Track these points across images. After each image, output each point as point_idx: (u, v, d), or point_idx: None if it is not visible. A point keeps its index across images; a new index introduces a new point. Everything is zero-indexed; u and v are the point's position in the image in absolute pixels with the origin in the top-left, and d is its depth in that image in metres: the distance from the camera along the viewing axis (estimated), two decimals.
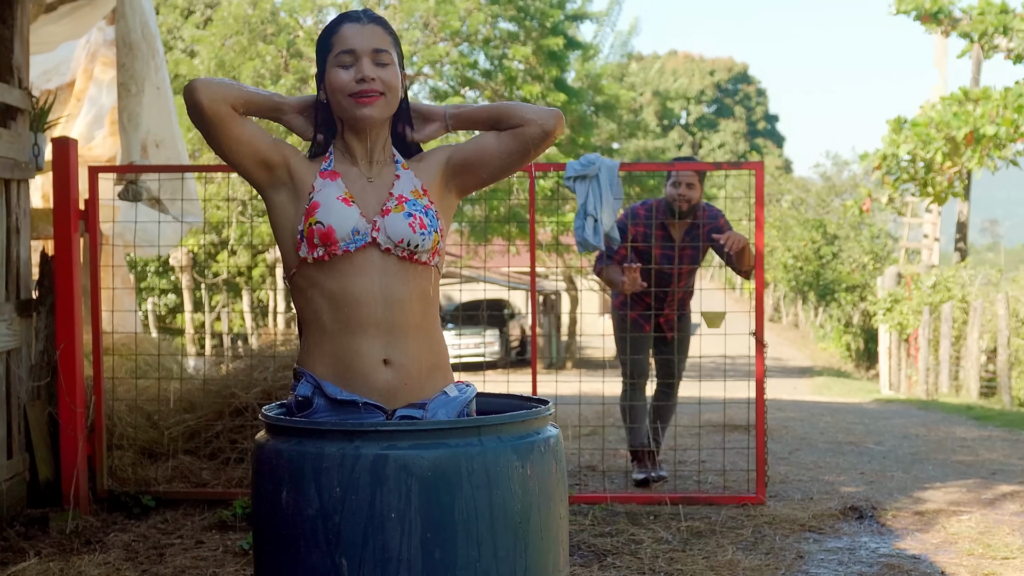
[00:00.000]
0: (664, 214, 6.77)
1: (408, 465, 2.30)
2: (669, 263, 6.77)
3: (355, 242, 2.64)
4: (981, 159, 16.02)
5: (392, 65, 2.72)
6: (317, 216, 2.63)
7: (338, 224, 2.62)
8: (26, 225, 6.07)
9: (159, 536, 5.57)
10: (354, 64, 2.68)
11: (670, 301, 6.84)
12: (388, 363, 2.65)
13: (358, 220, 2.65)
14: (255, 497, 2.52)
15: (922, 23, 17.56)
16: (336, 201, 2.65)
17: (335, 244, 2.62)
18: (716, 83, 69.29)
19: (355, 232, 2.63)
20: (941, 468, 7.88)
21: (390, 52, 2.72)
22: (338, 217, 2.63)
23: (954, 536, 5.64)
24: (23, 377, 5.94)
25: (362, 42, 2.69)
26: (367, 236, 2.65)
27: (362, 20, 2.72)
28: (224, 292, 24.83)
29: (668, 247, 6.81)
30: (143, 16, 6.83)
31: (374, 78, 2.67)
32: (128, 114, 6.67)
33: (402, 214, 2.66)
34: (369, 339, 2.64)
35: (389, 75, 2.70)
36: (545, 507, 2.47)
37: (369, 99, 2.67)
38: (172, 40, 25.40)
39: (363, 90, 2.67)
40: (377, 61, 2.69)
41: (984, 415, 12.40)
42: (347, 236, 2.63)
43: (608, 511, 6.10)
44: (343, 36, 2.71)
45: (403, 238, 2.65)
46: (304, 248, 2.65)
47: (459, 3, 19.99)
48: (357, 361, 2.64)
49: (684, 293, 6.93)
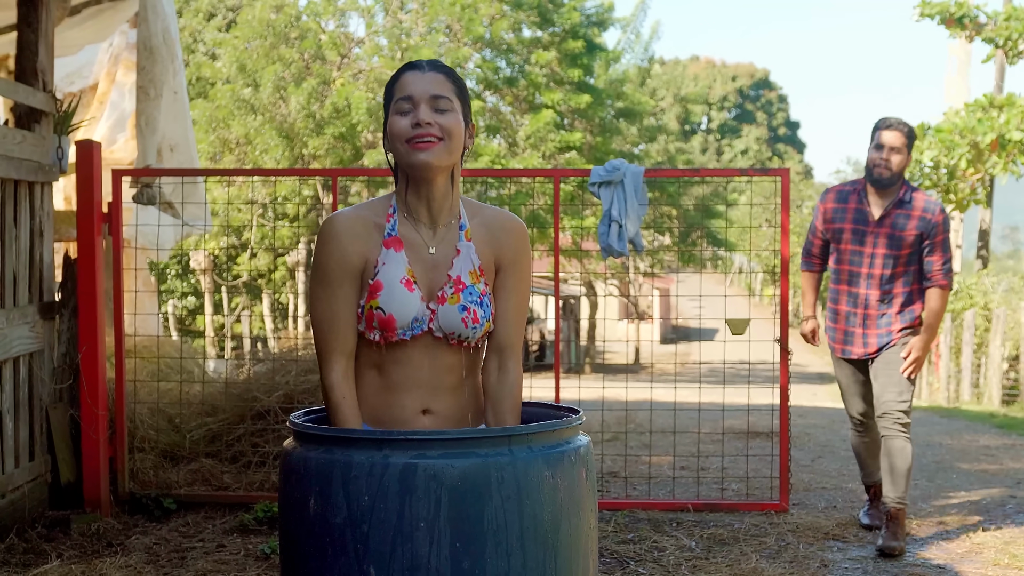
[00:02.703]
0: (860, 195, 5.75)
1: (438, 474, 2.28)
2: (860, 253, 5.71)
3: (413, 330, 2.64)
4: (1006, 165, 15.93)
5: (453, 112, 2.64)
6: (380, 301, 2.61)
7: (400, 313, 2.61)
8: (49, 228, 6.07)
9: (180, 539, 5.56)
10: (412, 111, 2.63)
11: (864, 306, 5.71)
12: (427, 412, 2.69)
13: (419, 308, 2.63)
14: (282, 504, 2.51)
15: (946, 27, 17.47)
16: (399, 285, 2.63)
17: (393, 332, 2.62)
18: (738, 89, 69.18)
19: (415, 321, 2.63)
20: (965, 477, 7.82)
21: (451, 99, 2.65)
22: (400, 305, 2.61)
23: (979, 546, 5.60)
24: (45, 380, 5.94)
25: (421, 88, 2.63)
26: (424, 324, 2.64)
27: (424, 68, 2.67)
28: (244, 295, 24.87)
29: (859, 231, 5.74)
30: (165, 21, 6.84)
31: (430, 122, 2.60)
32: (146, 118, 6.68)
33: (456, 307, 2.64)
34: (411, 395, 2.68)
35: (449, 121, 2.63)
36: (575, 517, 2.44)
37: (426, 144, 2.60)
38: (194, 44, 25.49)
39: (419, 134, 2.60)
40: (436, 107, 2.62)
41: (1008, 423, 12.31)
42: (406, 325, 2.63)
43: (631, 517, 6.07)
44: (403, 83, 2.66)
45: (455, 331, 2.65)
46: (362, 324, 2.65)
47: (483, 10, 19.99)
48: (397, 411, 2.68)
49: (883, 294, 5.68)
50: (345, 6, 21.04)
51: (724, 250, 24.21)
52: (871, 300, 5.66)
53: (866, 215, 5.67)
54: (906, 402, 5.57)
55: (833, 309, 5.86)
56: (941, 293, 5.61)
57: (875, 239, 5.63)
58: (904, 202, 5.63)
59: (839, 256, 5.77)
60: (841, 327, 5.80)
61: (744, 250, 30.40)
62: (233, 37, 21.10)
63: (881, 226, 5.63)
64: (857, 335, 5.72)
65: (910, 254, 5.62)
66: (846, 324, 5.76)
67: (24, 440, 5.73)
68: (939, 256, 5.61)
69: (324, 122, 19.44)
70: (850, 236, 5.70)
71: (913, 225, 5.59)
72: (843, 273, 5.75)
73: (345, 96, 19.17)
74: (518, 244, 2.77)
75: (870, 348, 5.69)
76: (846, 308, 5.76)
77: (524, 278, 2.79)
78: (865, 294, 5.66)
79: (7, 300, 5.56)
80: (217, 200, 18.51)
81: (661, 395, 9.70)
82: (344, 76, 20.27)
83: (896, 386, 5.57)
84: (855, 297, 5.70)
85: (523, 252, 2.78)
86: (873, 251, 5.64)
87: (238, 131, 20.01)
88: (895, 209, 5.62)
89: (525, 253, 2.79)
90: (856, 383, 5.88)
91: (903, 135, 5.64)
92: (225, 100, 20.15)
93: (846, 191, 5.82)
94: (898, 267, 5.63)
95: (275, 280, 23.84)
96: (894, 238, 5.59)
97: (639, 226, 6.26)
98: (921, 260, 5.65)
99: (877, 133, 5.71)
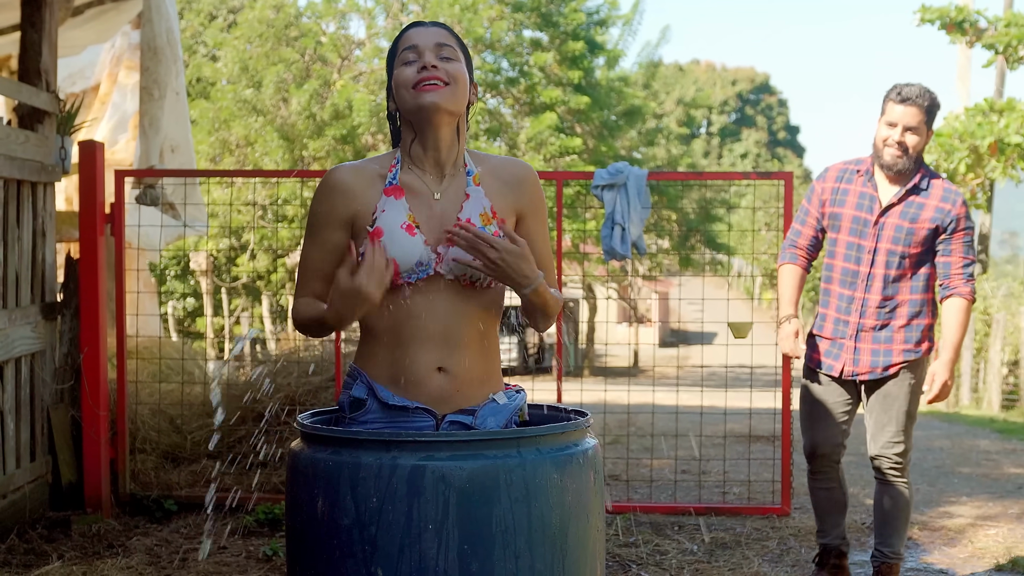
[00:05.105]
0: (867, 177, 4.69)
1: (446, 476, 2.27)
2: (860, 248, 4.66)
3: (418, 274, 2.61)
4: (1005, 169, 15.93)
5: (457, 61, 2.67)
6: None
7: (401, 257, 2.58)
8: (51, 228, 6.07)
9: (181, 541, 5.55)
10: (417, 59, 2.65)
11: (860, 313, 4.66)
12: (442, 370, 2.63)
13: (422, 252, 2.60)
14: (289, 506, 2.50)
15: (947, 33, 17.45)
16: (399, 230, 2.60)
17: (397, 275, 2.58)
18: (738, 93, 69.21)
19: (418, 265, 2.60)
20: (967, 481, 7.82)
21: (455, 49, 2.68)
22: (401, 249, 2.58)
23: (981, 550, 5.59)
24: (47, 380, 5.94)
25: (425, 38, 2.66)
26: (430, 268, 2.61)
27: (427, 24, 2.71)
28: (243, 296, 24.86)
29: (861, 220, 4.67)
30: (168, 22, 6.83)
31: (436, 66, 2.63)
32: (150, 118, 6.68)
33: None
34: (425, 349, 2.62)
35: (454, 67, 2.65)
36: (583, 520, 2.44)
37: (432, 86, 2.61)
38: (195, 44, 25.49)
39: (424, 77, 2.62)
40: (441, 55, 2.65)
41: (1008, 428, 12.31)
42: (410, 269, 2.59)
43: (632, 521, 6.06)
44: (407, 37, 2.69)
45: (466, 272, 2.62)
46: None
47: (483, 11, 19.99)
48: (411, 368, 2.62)
49: (884, 300, 4.61)
50: (346, 8, 21.03)
51: (724, 254, 24.20)
52: (868, 306, 4.59)
53: (872, 201, 4.61)
54: (905, 442, 4.63)
55: (821, 314, 4.78)
56: (963, 306, 4.56)
57: (879, 231, 4.57)
58: (919, 189, 4.57)
59: (834, 250, 4.71)
60: (827, 336, 4.73)
61: (744, 254, 30.38)
62: (234, 38, 21.10)
63: (888, 216, 4.56)
64: (846, 348, 4.65)
65: (922, 253, 4.56)
66: (834, 333, 4.70)
67: (25, 441, 5.72)
68: (960, 258, 4.56)
69: (325, 124, 19.43)
70: (850, 225, 4.64)
71: (928, 216, 4.52)
72: (836, 271, 4.69)
73: (346, 98, 19.16)
74: (534, 191, 2.78)
75: (860, 367, 4.63)
76: (836, 314, 4.69)
77: (544, 221, 2.81)
78: (862, 298, 4.60)
79: (9, 300, 5.55)
80: (217, 201, 18.50)
81: (662, 398, 9.70)
82: (345, 78, 20.26)
83: (896, 424, 4.61)
84: (849, 302, 4.64)
85: (540, 198, 2.80)
86: (876, 245, 4.57)
87: (239, 132, 20.00)
88: (908, 196, 4.57)
89: (542, 198, 2.81)
90: (836, 408, 4.72)
91: (921, 110, 4.51)
92: (227, 101, 20.14)
93: (851, 170, 4.73)
94: (905, 268, 4.56)
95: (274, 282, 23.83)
96: (903, 231, 4.53)
97: (642, 229, 6.26)
98: (935, 262, 4.61)
99: (888, 105, 4.57)
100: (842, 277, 4.67)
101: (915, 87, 4.52)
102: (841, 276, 4.67)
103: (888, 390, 4.61)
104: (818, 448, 4.74)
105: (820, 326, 4.77)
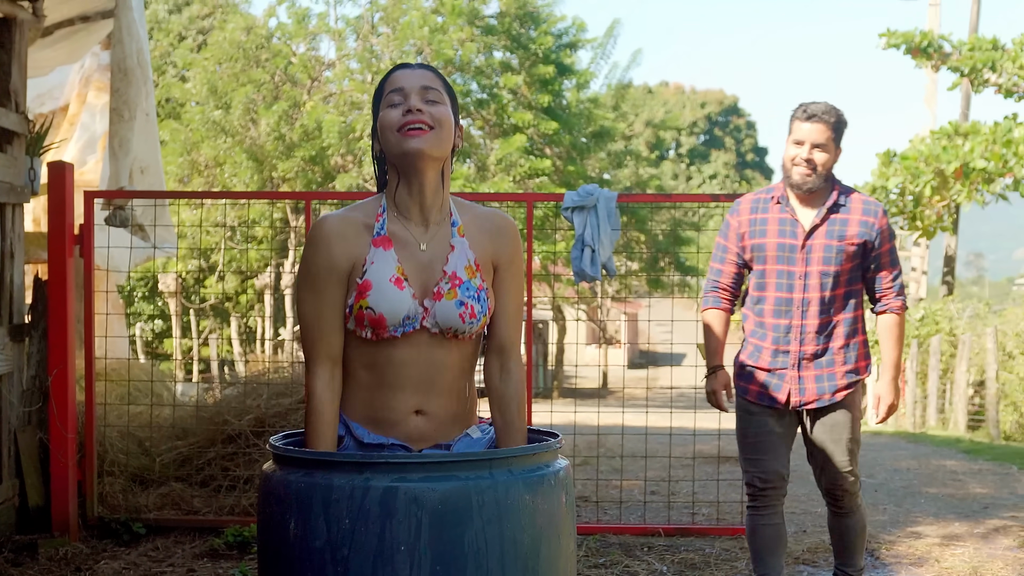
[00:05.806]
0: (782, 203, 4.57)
1: (419, 497, 2.29)
2: (790, 275, 4.51)
3: (404, 328, 2.63)
4: (970, 193, 16.08)
5: (443, 104, 2.67)
6: (369, 300, 2.60)
7: (390, 312, 2.60)
8: (20, 249, 6.04)
9: (150, 564, 5.52)
10: (403, 101, 2.65)
11: (799, 341, 4.51)
12: (420, 413, 2.67)
13: (410, 306, 2.62)
14: (261, 527, 2.50)
15: (912, 57, 17.62)
16: (388, 284, 2.61)
17: (384, 330, 2.61)
18: (707, 115, 69.56)
19: (406, 319, 2.62)
20: (933, 502, 7.88)
21: (440, 92, 2.68)
22: (390, 303, 2.60)
23: (948, 570, 5.63)
24: (14, 402, 5.90)
25: (411, 81, 2.66)
26: (416, 322, 2.63)
27: (413, 67, 2.71)
28: (212, 317, 24.75)
29: (787, 247, 4.53)
30: (139, 43, 6.82)
31: (421, 109, 2.62)
32: (119, 139, 6.65)
33: (454, 302, 2.64)
34: (405, 394, 2.66)
35: (439, 111, 2.65)
36: (555, 540, 2.45)
37: (416, 131, 2.61)
38: (164, 64, 25.41)
39: (409, 121, 2.62)
40: (426, 98, 2.65)
41: (974, 448, 12.40)
42: (398, 323, 2.61)
43: (602, 542, 6.07)
44: (393, 79, 2.69)
45: (451, 327, 2.64)
46: (352, 323, 2.64)
47: (453, 33, 20.05)
48: (390, 412, 2.66)
49: (822, 324, 4.50)
50: (316, 29, 21.04)
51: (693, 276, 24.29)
52: (807, 332, 4.46)
53: (794, 225, 4.48)
54: (854, 467, 4.55)
55: (756, 346, 4.58)
56: (897, 321, 4.57)
57: (808, 255, 4.44)
58: (839, 206, 4.48)
59: (763, 281, 4.54)
60: (764, 368, 4.53)
61: None
62: (203, 59, 21.06)
63: (814, 237, 4.45)
64: (788, 379, 4.49)
65: (852, 269, 4.48)
66: (772, 364, 4.51)
67: None
68: (888, 271, 4.53)
69: (294, 145, 19.41)
70: (775, 254, 4.49)
71: (854, 232, 4.44)
72: (769, 302, 4.52)
73: (315, 119, 19.16)
74: (513, 244, 2.80)
75: (807, 396, 4.49)
76: (773, 345, 4.52)
77: (520, 276, 2.83)
78: (799, 325, 4.46)
79: None
80: (186, 222, 18.44)
81: (631, 420, 9.72)
82: (314, 99, 20.26)
83: (845, 452, 4.52)
84: (787, 331, 4.48)
85: (518, 252, 2.82)
86: (807, 269, 4.44)
87: (208, 153, 19.95)
88: (829, 215, 4.46)
89: (519, 252, 2.82)
90: (781, 438, 4.56)
91: (828, 127, 4.42)
92: (195, 123, 20.11)
93: (763, 199, 4.60)
94: (839, 288, 4.47)
95: (243, 303, 23.75)
96: (833, 251, 4.43)
97: (611, 251, 6.28)
98: (864, 278, 4.55)
99: (795, 124, 4.48)
100: (775, 308, 4.51)
101: (820, 104, 4.45)
102: (775, 307, 4.51)
103: (835, 419, 4.52)
104: (769, 481, 4.53)
105: (756, 356, 4.58)
